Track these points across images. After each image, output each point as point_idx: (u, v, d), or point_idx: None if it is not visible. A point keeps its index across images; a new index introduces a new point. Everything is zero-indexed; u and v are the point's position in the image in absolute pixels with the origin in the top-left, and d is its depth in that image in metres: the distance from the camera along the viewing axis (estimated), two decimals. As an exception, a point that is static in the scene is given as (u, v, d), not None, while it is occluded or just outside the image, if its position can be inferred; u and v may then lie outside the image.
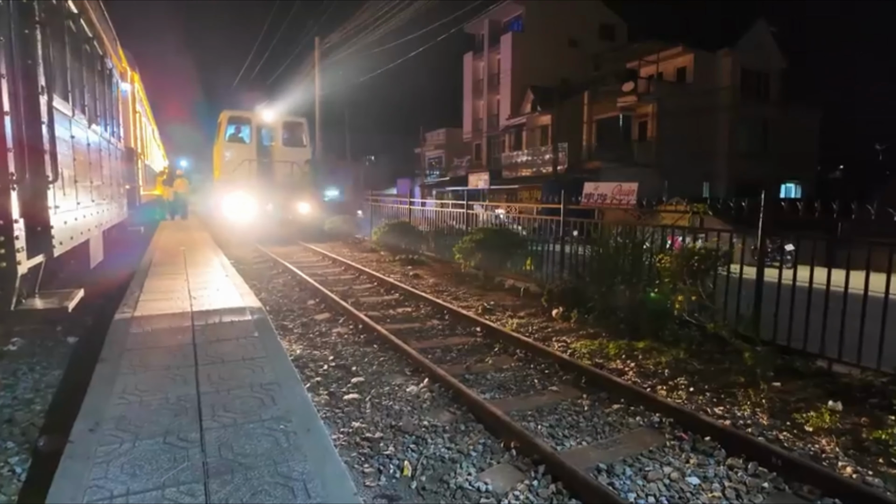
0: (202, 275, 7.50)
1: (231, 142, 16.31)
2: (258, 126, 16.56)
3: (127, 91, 11.36)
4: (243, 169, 15.64)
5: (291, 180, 16.42)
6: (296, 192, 16.23)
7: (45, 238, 4.13)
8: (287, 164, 16.47)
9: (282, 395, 3.35)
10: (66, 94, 5.43)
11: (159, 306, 5.61)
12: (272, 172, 16.32)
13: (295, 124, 17.28)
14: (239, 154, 15.98)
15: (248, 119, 16.46)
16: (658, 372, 4.96)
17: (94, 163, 6.66)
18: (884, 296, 4.40)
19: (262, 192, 15.75)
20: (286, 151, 16.72)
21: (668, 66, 28.99)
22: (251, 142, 16.47)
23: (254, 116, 16.45)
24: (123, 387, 3.44)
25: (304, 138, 17.28)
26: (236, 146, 16.35)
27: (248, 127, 16.51)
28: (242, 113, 16.63)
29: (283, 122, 16.93)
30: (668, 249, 6.22)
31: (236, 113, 16.56)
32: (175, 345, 4.32)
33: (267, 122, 16.62)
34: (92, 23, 7.05)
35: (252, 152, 16.28)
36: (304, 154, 17.10)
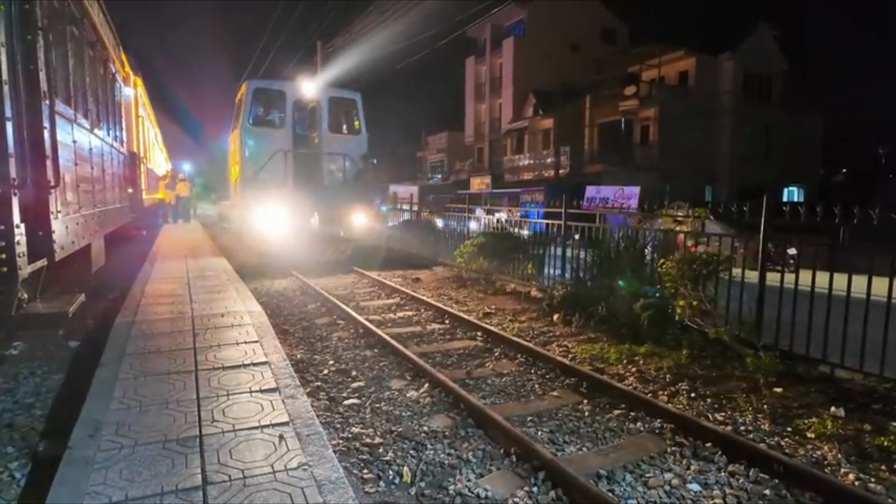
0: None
1: (257, 126, 11.17)
2: (296, 103, 11.37)
3: (130, 95, 11.41)
4: (275, 165, 10.59)
5: (343, 181, 11.54)
6: (348, 197, 11.30)
7: (47, 243, 4.14)
8: (337, 159, 11.48)
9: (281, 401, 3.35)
10: (69, 98, 5.45)
11: (160, 310, 5.61)
12: (317, 170, 11.35)
13: (346, 101, 12.03)
14: (268, 143, 10.83)
15: (280, 93, 11.27)
16: (659, 377, 4.94)
17: (96, 167, 6.68)
18: (886, 300, 4.38)
19: (303, 198, 10.94)
20: (335, 140, 11.68)
21: (669, 69, 29.00)
22: (285, 125, 11.27)
23: (289, 88, 11.27)
24: (123, 392, 3.45)
25: (359, 122, 11.98)
26: (264, 132, 11.29)
27: (280, 105, 11.43)
28: (273, 83, 11.56)
29: (330, 97, 11.66)
30: (670, 254, 6.21)
31: (264, 83, 11.46)
32: (175, 350, 4.32)
33: (308, 98, 11.44)
34: (94, 27, 7.09)
35: (287, 140, 11.08)
36: (358, 144, 11.83)
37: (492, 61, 37.99)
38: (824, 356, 4.81)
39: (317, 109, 11.55)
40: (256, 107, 11.29)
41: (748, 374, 4.83)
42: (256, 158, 10.65)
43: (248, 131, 10.89)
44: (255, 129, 11.09)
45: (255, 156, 10.72)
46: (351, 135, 12.01)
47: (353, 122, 12.19)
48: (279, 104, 11.48)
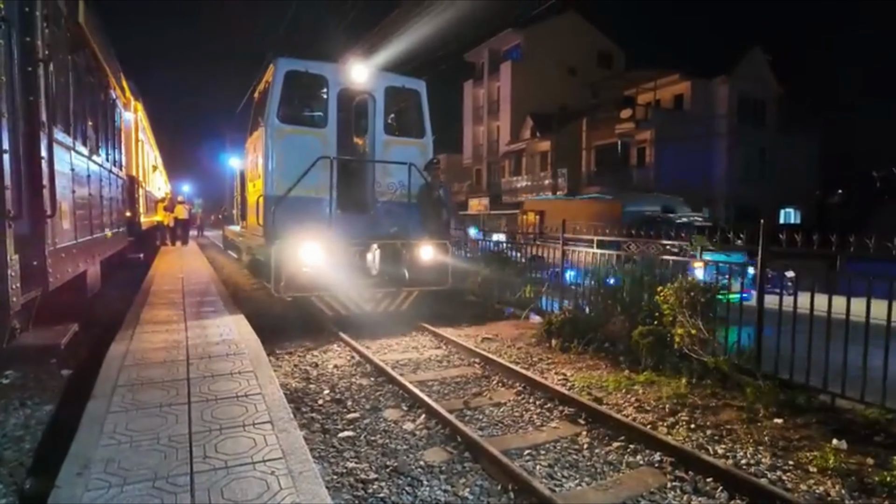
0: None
1: (290, 123, 7.90)
2: (342, 94, 8.27)
3: (130, 120, 11.51)
4: (316, 178, 7.51)
5: (407, 201, 8.29)
6: (414, 223, 8.26)
7: (41, 272, 4.13)
8: (397, 170, 8.27)
9: (274, 436, 3.30)
10: (68, 127, 5.49)
11: (154, 339, 5.56)
12: (370, 185, 8.32)
13: (407, 93, 8.83)
14: (305, 148, 7.62)
15: (321, 79, 8.08)
16: (658, 406, 4.88)
17: (94, 193, 6.70)
18: (885, 329, 4.35)
19: (353, 225, 8.03)
20: (394, 144, 8.54)
21: (665, 93, 29.39)
22: (328, 123, 8.06)
23: (333, 73, 8.10)
24: (114, 426, 3.39)
25: (424, 120, 8.84)
26: (300, 132, 7.94)
27: (321, 95, 8.31)
28: (311, 65, 8.04)
29: (388, 87, 8.55)
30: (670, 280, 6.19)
31: (300, 65, 7.94)
32: (168, 380, 4.27)
33: (359, 86, 8.34)
34: (95, 55, 7.17)
35: (330, 144, 7.91)
36: (422, 151, 8.68)
37: (489, 85, 38.51)
38: (825, 385, 4.76)
39: (369, 103, 8.40)
40: (289, 97, 7.86)
41: (748, 404, 4.78)
42: (288, 169, 7.36)
43: (277, 131, 7.55)
44: (288, 127, 7.68)
45: (286, 166, 7.44)
46: (413, 137, 8.67)
47: (417, 121, 8.78)
48: (320, 94, 8.22)
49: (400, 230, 8.25)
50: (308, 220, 7.46)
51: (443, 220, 8.51)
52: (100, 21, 7.53)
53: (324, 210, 7.68)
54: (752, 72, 29.06)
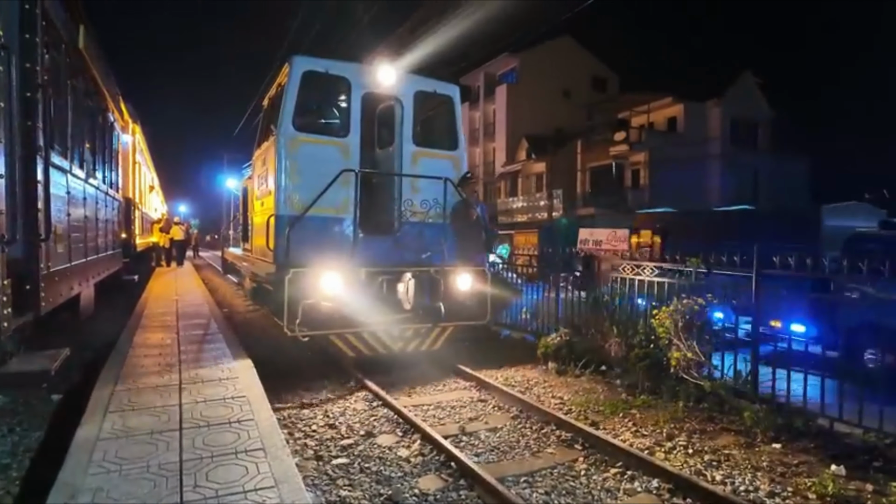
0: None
1: (306, 132, 6.84)
2: (367, 98, 7.17)
3: (127, 143, 11.57)
4: (336, 193, 6.50)
5: (437, 220, 7.20)
6: (447, 245, 7.13)
7: (34, 297, 4.10)
8: (429, 187, 7.19)
9: (267, 463, 3.25)
10: (65, 150, 5.52)
11: (146, 363, 5.51)
12: (398, 204, 7.21)
13: (439, 99, 7.82)
14: (324, 160, 6.61)
15: (342, 82, 7.05)
16: (656, 431, 4.84)
17: (90, 216, 6.70)
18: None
19: (379, 248, 6.99)
20: (423, 157, 7.43)
21: (658, 115, 29.79)
22: (351, 132, 6.95)
23: (356, 75, 7.02)
24: (103, 454, 3.33)
25: (456, 130, 7.81)
26: (318, 142, 6.88)
27: (343, 100, 7.29)
28: (332, 65, 6.95)
29: (417, 92, 7.45)
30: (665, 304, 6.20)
31: (319, 65, 6.87)
32: (160, 406, 4.21)
33: (385, 90, 7.22)
34: (94, 79, 7.24)
35: (353, 155, 6.87)
36: (454, 164, 7.60)
37: (485, 107, 38.97)
38: (822, 409, 4.74)
39: (395, 109, 7.29)
40: (306, 101, 6.88)
41: (746, 428, 4.75)
42: (305, 184, 6.38)
43: (292, 140, 6.51)
44: (304, 136, 6.63)
45: (302, 180, 6.44)
46: (444, 149, 7.54)
47: (448, 131, 7.71)
48: (341, 99, 7.28)
49: (433, 255, 7.01)
50: (327, 244, 6.41)
51: (481, 242, 7.39)
52: (99, 45, 7.63)
53: (346, 232, 6.61)
54: (743, 95, 29.56)
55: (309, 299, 5.88)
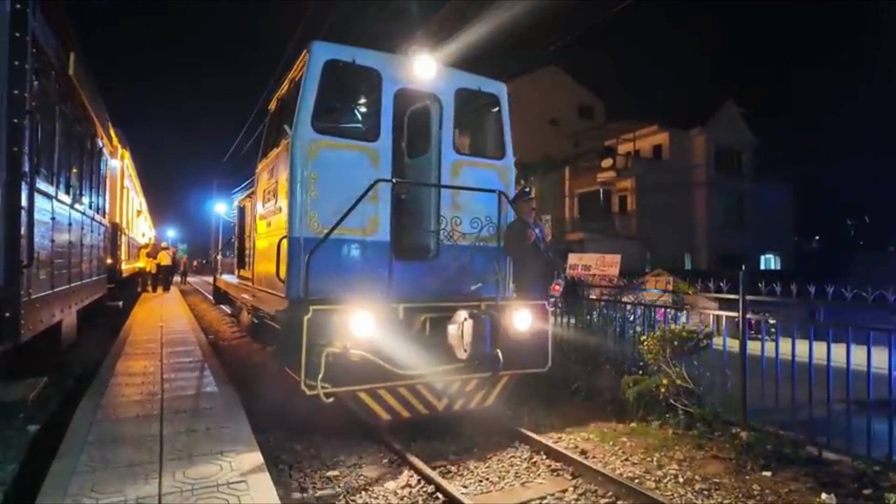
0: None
1: (327, 134, 5.41)
2: (400, 95, 5.85)
3: (116, 168, 11.55)
4: (364, 210, 5.23)
5: (484, 243, 5.96)
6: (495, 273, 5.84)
7: (13, 325, 4.03)
8: (474, 203, 5.98)
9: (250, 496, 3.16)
10: (51, 176, 5.49)
11: (128, 392, 5.39)
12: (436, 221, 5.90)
13: (483, 99, 6.60)
14: (349, 168, 5.37)
15: (372, 75, 5.69)
16: (646, 459, 4.79)
17: (75, 241, 6.63)
18: (867, 379, 4.38)
19: (413, 277, 5.66)
20: (466, 167, 6.14)
21: (644, 143, 30.37)
22: (381, 134, 5.60)
23: (388, 67, 5.69)
24: (80, 488, 3.23)
25: (504, 135, 6.60)
26: (342, 146, 5.47)
27: (372, 97, 6.20)
28: (359, 54, 5.55)
29: (459, 89, 6.15)
30: (651, 328, 6.22)
31: (344, 54, 5.47)
32: (140, 437, 4.11)
33: (422, 87, 5.94)
34: (83, 105, 7.26)
35: (383, 163, 5.55)
36: (501, 175, 6.37)
37: (475, 134, 39.41)
38: (811, 437, 4.73)
39: (432, 109, 6.10)
40: (328, 97, 5.59)
41: (735, 455, 4.72)
42: (326, 199, 5.19)
43: (311, 144, 5.22)
44: (325, 140, 5.33)
45: (323, 194, 5.21)
46: (490, 158, 6.33)
47: (495, 136, 6.53)
48: (370, 95, 6.15)
49: (483, 286, 5.76)
50: (352, 274, 5.21)
51: (541, 270, 6.17)
52: (90, 72, 7.66)
53: (375, 258, 5.31)
54: (726, 123, 30.27)
55: (334, 346, 4.51)
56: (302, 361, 4.48)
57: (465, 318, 5.05)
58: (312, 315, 4.55)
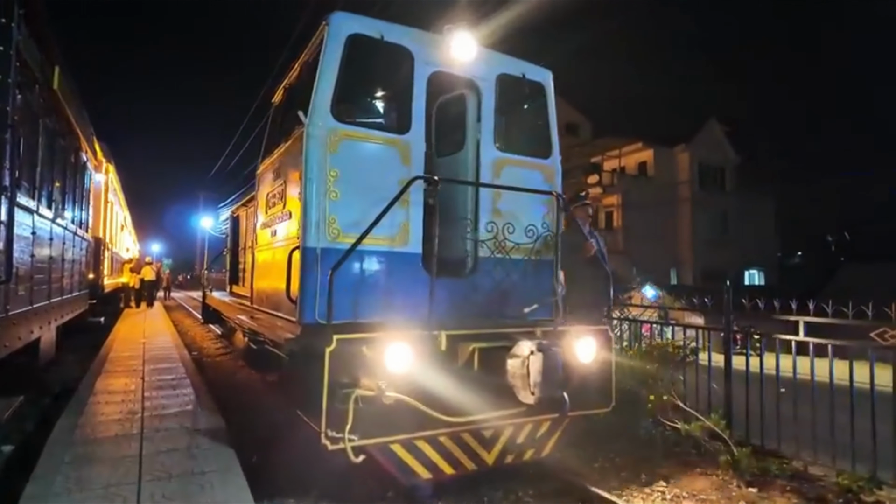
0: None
1: (350, 123, 4.48)
2: (434, 79, 4.92)
3: (100, 182, 11.43)
4: (393, 216, 4.25)
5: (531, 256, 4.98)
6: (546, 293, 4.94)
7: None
8: (518, 208, 5.04)
9: (230, 519, 3.08)
10: (33, 190, 5.42)
11: (107, 410, 5.27)
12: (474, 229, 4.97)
13: (528, 87, 5.56)
14: (376, 164, 4.50)
15: (402, 54, 4.72)
16: (634, 477, 4.77)
17: (56, 256, 6.53)
18: (849, 397, 4.42)
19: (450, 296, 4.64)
20: (509, 166, 5.18)
21: (630, 160, 30.79)
22: (413, 124, 4.69)
23: (420, 46, 4.77)
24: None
25: (550, 131, 5.58)
26: (367, 138, 4.54)
27: (402, 79, 4.82)
28: (387, 29, 4.63)
29: (500, 76, 5.21)
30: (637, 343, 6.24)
31: (370, 28, 4.56)
32: (119, 457, 4.01)
33: (460, 70, 5.00)
34: (68, 119, 7.20)
35: (415, 158, 4.67)
36: (547, 177, 5.42)
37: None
38: (796, 452, 4.75)
39: (468, 99, 5.24)
40: (352, 79, 4.64)
41: (721, 471, 4.72)
42: (349, 200, 4.38)
43: (331, 134, 4.38)
44: (348, 130, 4.48)
45: (346, 193, 4.38)
46: (535, 157, 5.41)
47: (540, 132, 5.60)
48: (398, 79, 4.96)
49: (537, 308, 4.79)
50: (377, 293, 4.37)
51: (599, 290, 5.32)
52: (75, 85, 7.61)
53: (406, 274, 4.47)
54: (710, 140, 30.85)
55: (365, 387, 3.58)
56: (322, 407, 3.50)
57: (532, 350, 3.95)
58: (337, 346, 3.60)
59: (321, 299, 4.02)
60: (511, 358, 4.05)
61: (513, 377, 4.02)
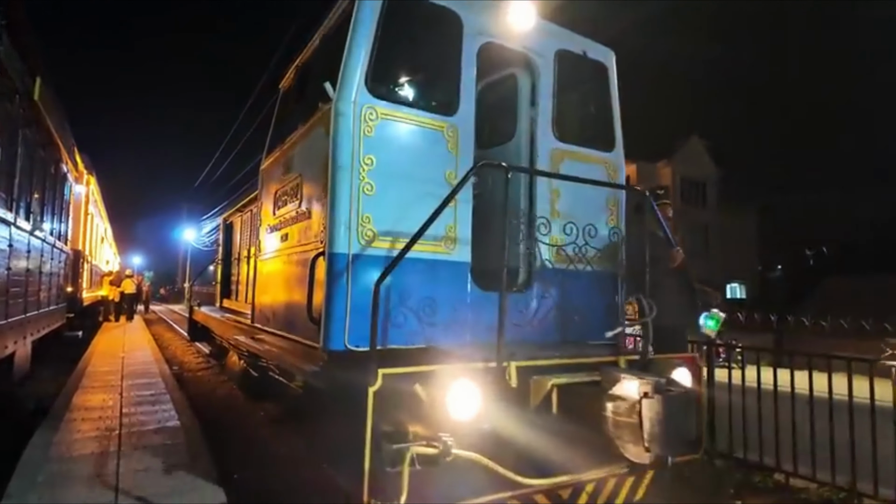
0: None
1: (388, 100, 3.68)
2: (485, 51, 4.10)
3: (80, 193, 11.28)
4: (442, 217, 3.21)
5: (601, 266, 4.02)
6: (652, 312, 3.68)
7: (-39, 357, 3.81)
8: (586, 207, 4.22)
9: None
10: (11, 201, 5.33)
11: (84, 427, 5.14)
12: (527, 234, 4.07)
13: (589, 67, 4.69)
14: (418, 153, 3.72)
15: (451, 21, 3.91)
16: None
17: (33, 269, 6.41)
18: (828, 409, 4.49)
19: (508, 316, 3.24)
20: (570, 158, 4.39)
21: (613, 174, 31.21)
22: (460, 103, 3.88)
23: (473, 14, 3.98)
24: (26, 533, 3.03)
25: (612, 119, 4.79)
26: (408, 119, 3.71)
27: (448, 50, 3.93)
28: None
29: (559, 51, 4.42)
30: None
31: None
32: (95, 476, 3.91)
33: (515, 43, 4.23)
34: (48, 130, 7.11)
35: (464, 146, 3.86)
36: (611, 172, 4.67)
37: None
38: (777, 464, 4.79)
39: (520, 78, 4.57)
40: (389, 47, 3.77)
41: (706, 485, 4.74)
42: (387, 195, 3.59)
43: (367, 111, 3.58)
44: (386, 108, 3.66)
45: (385, 188, 3.59)
46: (597, 149, 4.66)
47: (601, 120, 4.87)
48: (445, 48, 4.01)
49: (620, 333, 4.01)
50: (422, 311, 3.58)
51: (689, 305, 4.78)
52: (57, 96, 7.53)
53: (454, 287, 3.75)
54: (691, 156, 31.45)
55: (422, 442, 2.68)
56: (364, 469, 2.62)
57: (646, 392, 2.91)
58: (383, 385, 2.70)
59: (353, 320, 3.27)
60: (612, 401, 3.03)
61: (616, 427, 2.98)
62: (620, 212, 4.47)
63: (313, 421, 3.61)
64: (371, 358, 2.77)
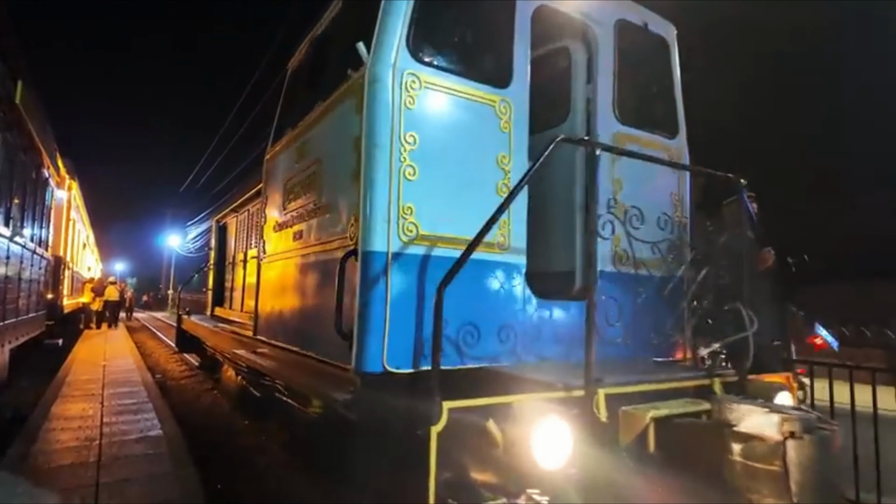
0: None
1: (433, 66, 3.07)
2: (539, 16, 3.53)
3: (62, 199, 11.11)
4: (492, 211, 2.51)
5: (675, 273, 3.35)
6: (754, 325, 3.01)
7: (-65, 366, 3.71)
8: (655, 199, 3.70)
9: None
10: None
11: (63, 437, 5.03)
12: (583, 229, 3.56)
13: (648, 42, 4.11)
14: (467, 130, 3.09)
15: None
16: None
17: (12, 276, 6.29)
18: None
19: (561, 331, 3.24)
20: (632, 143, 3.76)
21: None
22: (515, 77, 3.33)
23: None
24: (1, 547, 2.95)
25: (675, 100, 4.20)
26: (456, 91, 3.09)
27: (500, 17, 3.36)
28: None
29: (619, 21, 3.86)
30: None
31: None
32: (74, 488, 3.81)
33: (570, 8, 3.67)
34: (30, 135, 7.01)
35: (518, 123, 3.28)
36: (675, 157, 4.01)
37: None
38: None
39: (573, 52, 4.08)
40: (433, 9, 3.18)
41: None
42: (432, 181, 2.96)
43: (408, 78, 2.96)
44: (432, 76, 3.06)
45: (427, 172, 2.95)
46: (660, 134, 4.07)
47: (664, 101, 4.27)
48: (495, 10, 3.42)
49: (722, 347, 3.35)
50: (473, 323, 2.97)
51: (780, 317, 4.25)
52: (39, 100, 7.43)
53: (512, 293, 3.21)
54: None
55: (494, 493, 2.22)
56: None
57: (793, 432, 2.21)
58: (450, 422, 2.13)
59: (392, 334, 2.69)
60: (740, 441, 2.30)
61: (749, 476, 2.25)
62: (685, 206, 3.96)
63: (335, 455, 2.98)
64: (433, 388, 2.16)
